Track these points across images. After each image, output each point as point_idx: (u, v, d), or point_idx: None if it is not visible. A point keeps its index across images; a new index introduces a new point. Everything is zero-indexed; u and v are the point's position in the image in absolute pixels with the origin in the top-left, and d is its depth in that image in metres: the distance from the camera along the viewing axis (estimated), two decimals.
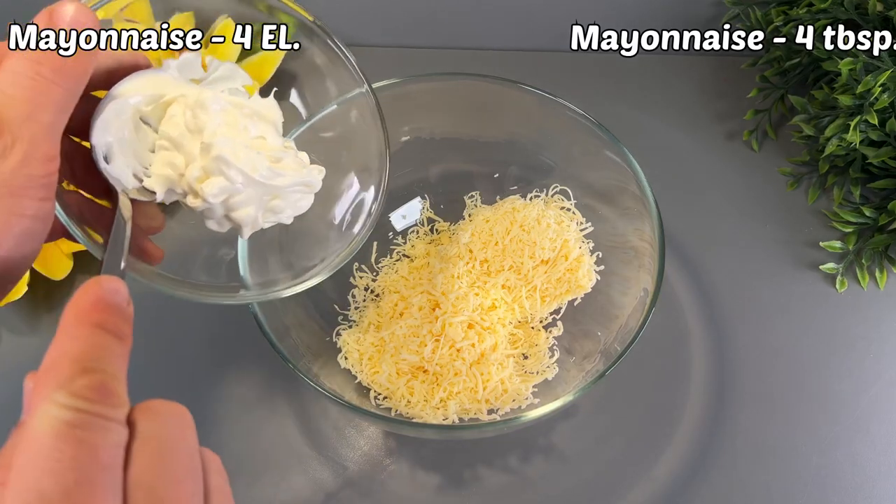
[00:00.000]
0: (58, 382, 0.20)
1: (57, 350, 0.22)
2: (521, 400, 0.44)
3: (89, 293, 0.23)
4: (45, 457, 0.19)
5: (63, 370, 0.21)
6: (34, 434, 0.20)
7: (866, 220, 0.55)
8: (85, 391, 0.20)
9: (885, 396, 0.49)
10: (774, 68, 0.63)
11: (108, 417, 0.20)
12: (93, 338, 0.22)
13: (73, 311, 0.23)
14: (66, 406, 0.20)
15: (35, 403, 0.20)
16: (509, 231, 0.50)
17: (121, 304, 0.23)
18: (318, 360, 0.46)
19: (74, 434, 0.19)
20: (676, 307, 0.53)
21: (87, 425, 0.20)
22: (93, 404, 0.20)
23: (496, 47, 0.68)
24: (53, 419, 0.20)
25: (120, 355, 0.22)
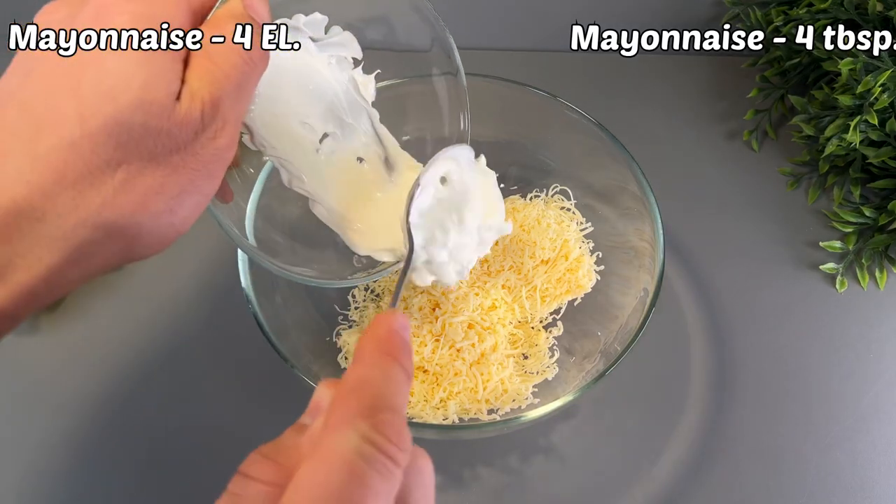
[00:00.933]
0: (361, 409, 0.21)
1: (359, 374, 0.23)
2: (521, 400, 0.44)
3: (386, 324, 0.24)
4: (332, 487, 0.19)
5: (367, 398, 0.21)
6: (329, 456, 0.20)
7: (866, 220, 0.55)
8: (385, 427, 0.21)
9: (885, 396, 0.49)
10: (774, 68, 0.63)
11: (396, 462, 0.21)
12: (390, 371, 0.23)
13: (372, 339, 0.24)
14: (365, 438, 0.20)
15: (336, 422, 0.21)
16: None
17: (409, 341, 0.25)
18: (318, 360, 0.46)
19: (366, 472, 0.20)
20: (676, 307, 0.53)
21: (378, 465, 0.20)
22: (389, 444, 0.21)
23: (496, 47, 0.68)
24: (351, 448, 0.20)
25: (407, 395, 0.23)
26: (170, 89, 0.25)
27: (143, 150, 0.25)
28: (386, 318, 0.25)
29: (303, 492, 0.19)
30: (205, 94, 0.26)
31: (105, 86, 0.24)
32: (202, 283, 0.53)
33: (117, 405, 0.48)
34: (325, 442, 0.20)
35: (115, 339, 0.51)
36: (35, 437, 0.47)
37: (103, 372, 0.49)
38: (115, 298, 0.53)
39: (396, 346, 0.24)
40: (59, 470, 0.45)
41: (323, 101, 0.37)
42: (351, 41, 0.37)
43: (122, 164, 0.25)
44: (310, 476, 0.20)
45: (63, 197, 0.24)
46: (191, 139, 0.26)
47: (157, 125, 0.25)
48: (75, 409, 0.48)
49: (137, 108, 0.24)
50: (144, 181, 0.26)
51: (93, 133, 0.24)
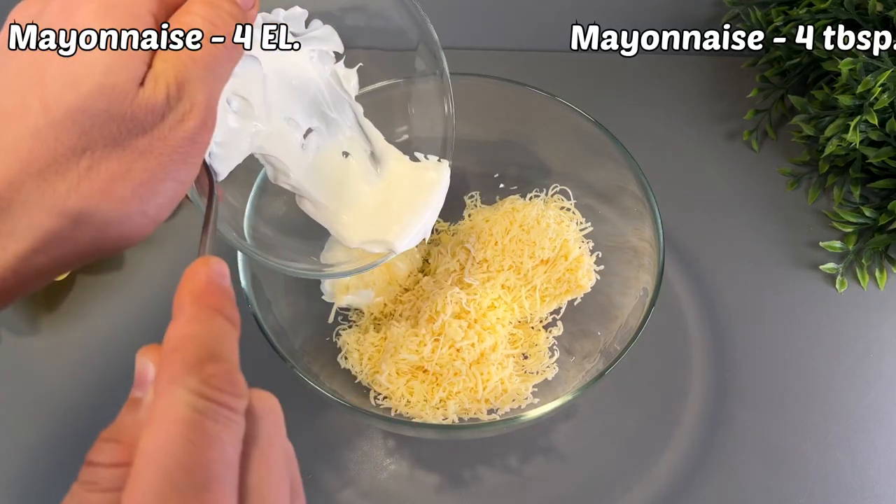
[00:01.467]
0: (187, 366, 0.20)
1: (180, 331, 0.22)
2: (521, 400, 0.44)
3: (200, 274, 0.23)
4: (176, 447, 0.19)
5: (191, 353, 0.21)
6: (165, 419, 0.19)
7: (866, 220, 0.55)
8: (214, 379, 0.20)
9: (885, 396, 0.49)
10: (774, 68, 0.63)
11: (234, 409, 0.20)
12: (213, 322, 0.22)
13: (188, 292, 0.23)
14: (197, 392, 0.20)
15: (164, 385, 0.20)
16: (509, 231, 0.50)
17: (229, 287, 0.24)
18: (318, 360, 0.46)
19: (205, 425, 0.19)
20: (676, 307, 0.53)
21: (217, 416, 0.20)
22: (222, 394, 0.20)
23: (496, 47, 0.68)
24: (185, 405, 0.20)
25: (236, 342, 0.23)
26: (132, 74, 0.25)
27: (107, 135, 0.25)
28: (200, 268, 0.23)
29: (148, 460, 0.19)
30: (169, 76, 0.26)
31: (68, 74, 0.24)
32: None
33: (117, 405, 0.48)
34: (158, 406, 0.20)
35: (115, 339, 0.51)
36: (35, 437, 0.47)
37: (103, 372, 0.49)
38: (115, 298, 0.53)
39: (215, 296, 0.23)
40: (58, 470, 0.45)
41: (306, 96, 0.36)
42: (332, 35, 0.37)
43: (87, 151, 0.25)
44: (151, 443, 0.19)
45: (28, 185, 0.25)
46: (156, 122, 0.26)
47: (119, 110, 0.25)
48: (75, 409, 0.48)
49: (99, 94, 0.24)
50: (109, 167, 0.26)
51: (56, 121, 0.24)
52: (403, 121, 0.46)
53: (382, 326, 0.49)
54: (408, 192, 0.41)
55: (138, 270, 0.54)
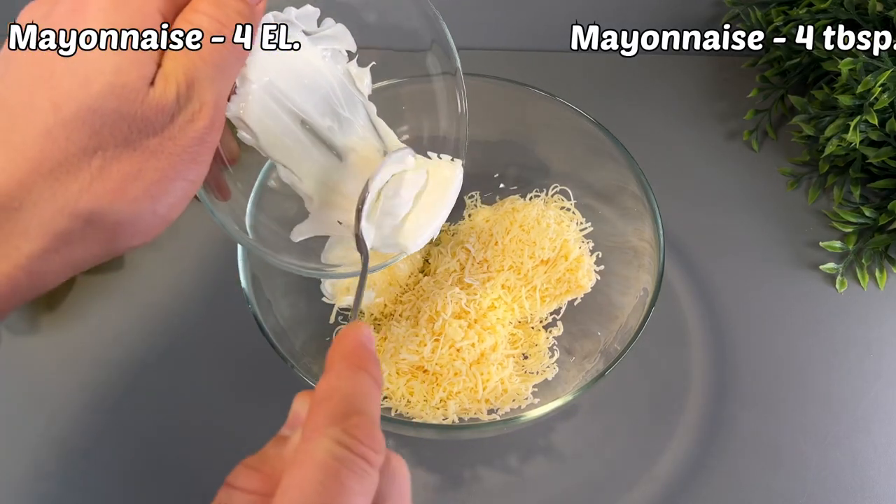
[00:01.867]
0: (332, 416, 0.22)
1: (328, 384, 0.24)
2: (521, 400, 0.44)
3: (350, 336, 0.25)
4: (311, 488, 0.21)
5: (336, 405, 0.23)
6: (307, 461, 0.21)
7: (866, 220, 0.55)
8: (356, 431, 0.22)
9: (885, 396, 0.49)
10: (774, 68, 0.63)
11: (370, 462, 0.22)
12: (358, 378, 0.24)
13: (339, 352, 0.25)
14: (338, 441, 0.22)
15: (310, 430, 0.22)
16: (509, 231, 0.50)
17: (374, 350, 0.26)
18: (318, 360, 0.46)
19: (340, 473, 0.21)
20: (676, 307, 0.53)
21: (353, 466, 0.21)
22: (361, 445, 0.22)
23: (496, 47, 0.68)
24: (326, 452, 0.21)
25: (378, 400, 0.24)
26: (142, 72, 0.25)
27: (118, 135, 0.25)
28: (351, 331, 0.25)
29: (286, 496, 0.20)
30: (179, 75, 0.26)
31: (78, 73, 0.24)
32: (202, 283, 0.53)
33: (117, 405, 0.48)
34: (302, 449, 0.22)
35: (114, 339, 0.51)
36: (34, 437, 0.47)
37: (103, 372, 0.49)
38: (115, 298, 0.53)
39: (363, 358, 0.25)
40: (58, 469, 0.45)
41: (318, 95, 0.36)
42: (344, 34, 0.37)
43: (98, 151, 0.25)
44: (291, 482, 0.21)
45: (40, 186, 0.25)
46: (166, 122, 0.26)
47: (130, 110, 0.25)
48: (75, 409, 0.48)
49: (109, 94, 0.24)
50: (121, 167, 0.26)
51: (66, 121, 0.24)
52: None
53: (382, 327, 0.49)
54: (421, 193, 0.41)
55: (138, 270, 0.54)
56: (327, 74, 0.37)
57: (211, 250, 0.54)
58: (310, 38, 0.36)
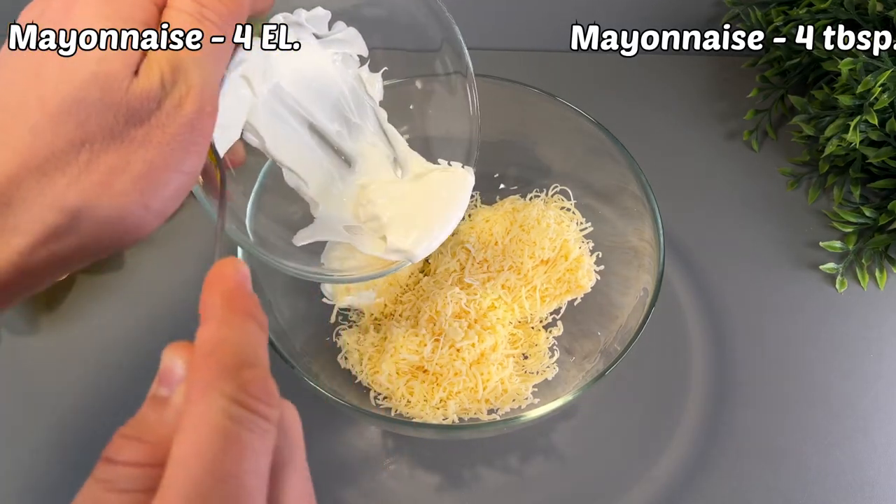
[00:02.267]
0: (223, 371, 0.20)
1: (214, 335, 0.22)
2: (521, 400, 0.44)
3: (228, 276, 0.23)
4: (211, 456, 0.19)
5: (228, 359, 0.20)
6: (200, 425, 0.19)
7: (866, 220, 0.55)
8: (250, 386, 0.20)
9: (885, 396, 0.49)
10: (774, 68, 0.63)
11: (268, 419, 0.20)
12: (246, 326, 0.22)
13: (219, 295, 0.23)
14: (233, 399, 0.20)
15: (199, 389, 0.20)
16: (509, 231, 0.50)
17: (253, 292, 0.23)
18: (318, 361, 0.46)
19: (241, 435, 0.19)
20: (676, 307, 0.53)
21: (252, 425, 0.20)
22: (258, 402, 0.20)
23: (496, 47, 0.68)
24: (221, 412, 0.19)
25: (266, 347, 0.22)
26: (126, 61, 0.25)
27: (105, 126, 0.25)
28: (227, 269, 0.23)
29: (181, 468, 0.19)
30: (162, 60, 0.25)
31: (63, 67, 0.24)
32: (202, 283, 0.53)
33: (117, 405, 0.48)
34: (191, 411, 0.19)
35: (114, 339, 0.51)
36: (34, 437, 0.47)
37: (103, 372, 0.49)
38: (115, 298, 0.53)
39: (244, 298, 0.22)
40: (58, 469, 0.45)
41: (327, 99, 0.36)
42: (356, 38, 0.36)
43: (86, 144, 0.25)
44: (185, 450, 0.19)
45: (28, 181, 0.24)
46: (153, 109, 0.25)
47: (114, 99, 0.24)
48: (75, 409, 0.48)
49: (92, 83, 0.24)
50: (107, 159, 0.25)
51: (52, 114, 0.24)
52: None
53: (382, 327, 0.49)
54: (430, 199, 0.40)
55: (138, 270, 0.54)
56: (337, 79, 0.36)
57: (211, 250, 0.54)
58: (320, 42, 0.35)
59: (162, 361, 0.23)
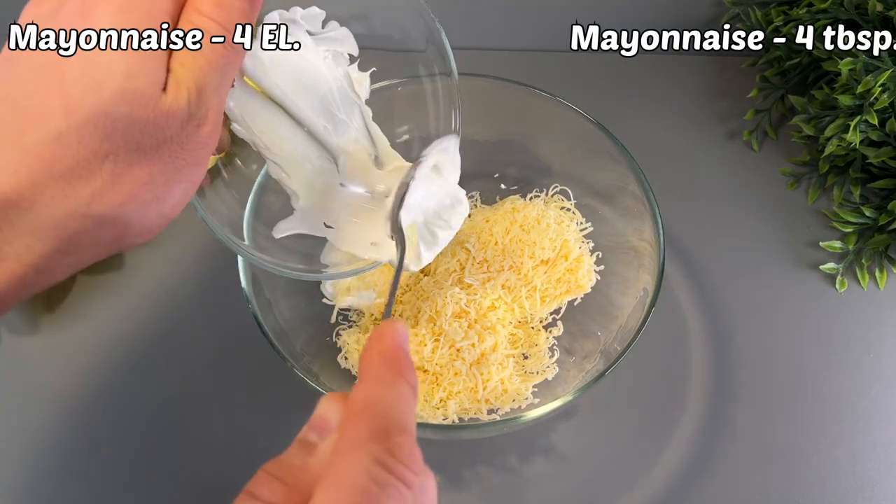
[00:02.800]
0: (373, 432, 0.21)
1: (368, 393, 0.22)
2: (521, 400, 0.44)
3: (388, 337, 0.24)
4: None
5: (378, 419, 0.21)
6: (343, 481, 0.20)
7: (866, 220, 0.55)
8: (398, 451, 0.21)
9: (885, 396, 0.49)
10: (774, 68, 0.63)
11: (408, 485, 0.20)
12: (399, 388, 0.23)
13: (378, 355, 0.23)
14: (379, 462, 0.20)
15: (348, 444, 0.21)
16: (509, 231, 0.50)
17: (409, 354, 0.24)
18: (318, 360, 0.46)
19: (380, 498, 0.20)
20: (676, 307, 0.53)
21: (392, 490, 0.20)
22: (402, 467, 0.20)
23: (496, 47, 0.68)
24: (365, 473, 0.20)
25: (415, 411, 0.23)
26: (153, 79, 0.25)
27: (130, 141, 0.25)
28: (388, 330, 0.24)
29: None
30: (189, 82, 0.26)
31: (89, 77, 0.24)
32: (202, 283, 0.53)
33: (117, 405, 0.48)
34: (338, 466, 0.20)
35: (114, 339, 0.51)
36: (34, 437, 0.47)
37: (103, 372, 0.49)
38: (115, 298, 0.53)
39: (401, 361, 0.23)
40: (58, 469, 0.45)
41: (315, 94, 0.36)
42: (347, 37, 0.37)
43: (110, 156, 0.25)
44: (328, 500, 0.19)
45: (52, 188, 0.25)
46: (177, 129, 0.26)
47: (142, 115, 0.25)
48: (75, 409, 0.48)
49: (121, 99, 0.24)
50: (133, 173, 0.26)
51: (79, 125, 0.24)
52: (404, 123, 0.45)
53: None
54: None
55: (138, 270, 0.54)
56: (327, 75, 0.37)
57: (211, 250, 0.54)
58: (313, 39, 0.36)
59: (318, 408, 0.24)
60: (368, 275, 0.49)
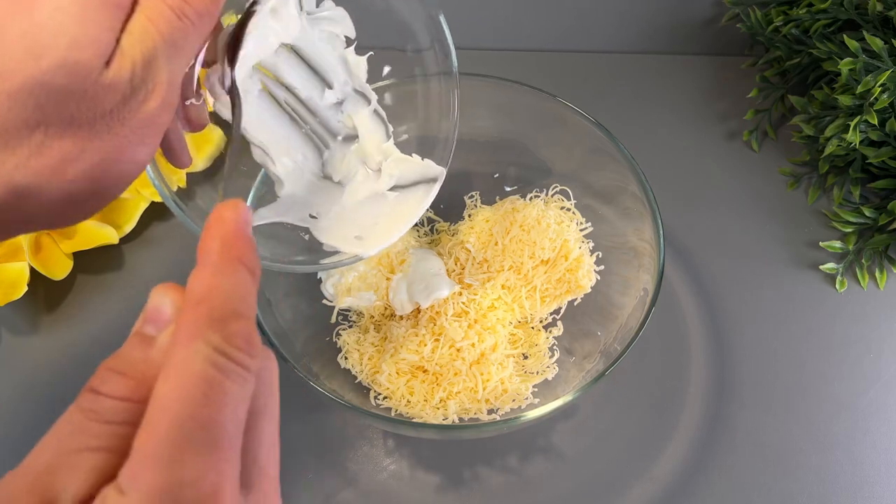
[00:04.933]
0: (211, 321, 0.21)
1: (206, 282, 0.22)
2: (521, 400, 0.44)
3: (229, 220, 0.23)
4: (194, 401, 0.19)
5: (217, 308, 0.21)
6: (185, 370, 0.20)
7: (866, 220, 0.55)
8: (236, 338, 0.21)
9: (884, 396, 0.49)
10: (774, 68, 0.63)
11: (249, 369, 0.21)
12: (238, 275, 0.22)
13: (217, 240, 0.23)
14: (218, 349, 0.20)
15: (186, 335, 0.20)
16: (509, 231, 0.50)
17: (252, 236, 0.23)
18: (318, 360, 0.46)
19: (224, 384, 0.20)
20: (676, 307, 0.53)
21: (234, 375, 0.20)
22: (241, 353, 0.20)
23: (496, 47, 0.68)
24: (205, 360, 0.20)
25: (255, 297, 0.23)
26: (100, 50, 0.24)
27: (64, 112, 0.24)
28: (225, 214, 0.23)
29: (165, 409, 0.19)
30: (136, 53, 0.24)
31: (31, 40, 0.23)
32: None
33: None
34: (177, 356, 0.20)
35: (115, 339, 0.51)
36: (34, 437, 0.47)
37: None
38: (115, 298, 0.53)
39: (240, 247, 0.23)
40: None
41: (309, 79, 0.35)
42: (343, 18, 0.35)
43: (41, 126, 0.24)
44: (169, 392, 0.19)
45: None
46: (117, 104, 0.24)
47: (79, 87, 0.23)
48: None
49: (60, 69, 0.23)
50: (63, 146, 0.24)
51: (11, 92, 0.23)
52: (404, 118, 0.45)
53: (382, 327, 0.49)
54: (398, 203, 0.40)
55: (138, 270, 0.54)
56: (321, 57, 0.35)
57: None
58: (308, 19, 0.34)
59: (150, 299, 0.24)
60: (369, 276, 0.49)
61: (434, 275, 0.48)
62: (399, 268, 0.49)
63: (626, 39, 0.67)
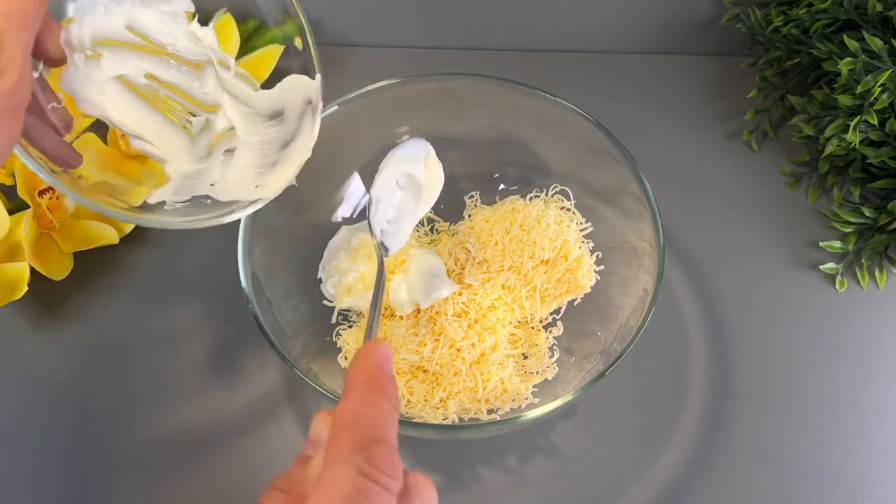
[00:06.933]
0: (355, 445, 0.23)
1: (352, 411, 0.25)
2: (521, 400, 0.44)
3: (373, 357, 0.26)
4: None
5: (359, 433, 0.24)
6: (330, 491, 0.22)
7: (866, 220, 0.55)
8: (377, 459, 0.23)
9: (885, 396, 0.49)
10: (774, 68, 0.63)
11: (390, 490, 0.23)
12: (380, 405, 0.25)
13: (360, 373, 0.26)
14: (361, 472, 0.23)
15: (333, 458, 0.23)
16: (509, 231, 0.50)
17: (392, 372, 0.26)
18: (318, 360, 0.46)
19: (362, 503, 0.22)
20: (676, 307, 0.53)
21: (374, 496, 0.22)
22: (381, 474, 0.23)
23: (496, 47, 0.68)
24: (349, 483, 0.22)
25: (396, 425, 0.25)
26: None
27: None
28: (371, 351, 0.26)
29: None
30: None
31: None
32: (202, 283, 0.53)
33: (117, 405, 0.48)
34: (325, 477, 0.23)
35: (115, 339, 0.51)
36: (35, 437, 0.47)
37: (103, 372, 0.49)
38: (115, 298, 0.53)
39: (383, 381, 0.25)
40: (58, 470, 0.45)
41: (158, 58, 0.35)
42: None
43: None
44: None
45: None
46: None
47: None
48: (75, 409, 0.48)
49: None
50: None
51: None
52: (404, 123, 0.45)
53: (382, 327, 0.49)
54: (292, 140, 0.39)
55: (138, 270, 0.54)
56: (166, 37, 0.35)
57: (211, 250, 0.54)
58: (143, 2, 0.34)
59: (312, 426, 0.27)
60: (369, 276, 0.49)
61: (434, 275, 0.48)
62: (399, 268, 0.49)
63: (626, 39, 0.67)
